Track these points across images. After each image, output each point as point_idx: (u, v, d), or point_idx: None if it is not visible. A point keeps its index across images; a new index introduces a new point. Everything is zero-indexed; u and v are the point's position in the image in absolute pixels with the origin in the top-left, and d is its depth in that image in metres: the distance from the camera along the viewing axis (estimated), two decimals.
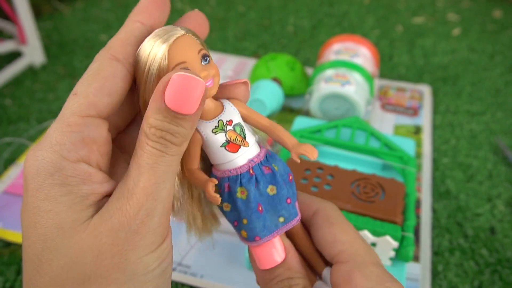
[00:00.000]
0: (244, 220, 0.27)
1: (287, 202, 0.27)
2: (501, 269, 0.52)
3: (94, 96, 0.23)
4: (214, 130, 0.26)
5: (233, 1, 1.09)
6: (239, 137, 0.27)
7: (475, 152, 0.68)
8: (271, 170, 0.27)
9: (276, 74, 0.73)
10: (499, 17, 1.03)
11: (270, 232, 0.27)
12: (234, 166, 0.27)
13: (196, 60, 0.25)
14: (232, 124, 0.27)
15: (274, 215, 0.27)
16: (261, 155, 0.27)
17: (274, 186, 0.27)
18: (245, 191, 0.27)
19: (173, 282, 0.50)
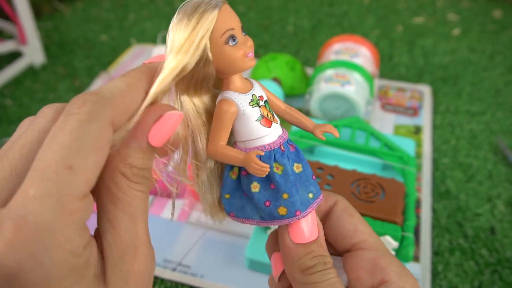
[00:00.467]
0: (284, 195, 0.26)
1: (313, 178, 0.28)
2: (501, 269, 0.52)
3: (91, 173, 0.20)
4: (251, 103, 0.26)
5: (233, 1, 1.09)
6: (270, 113, 0.27)
7: (475, 152, 0.68)
8: (295, 148, 0.28)
9: (276, 74, 0.73)
10: (499, 17, 1.03)
11: (306, 207, 0.27)
12: (267, 142, 0.26)
13: (239, 30, 0.25)
14: (264, 100, 0.27)
15: (304, 191, 0.27)
16: (286, 133, 0.28)
17: (299, 164, 0.27)
18: (280, 166, 0.26)
19: (173, 282, 0.50)
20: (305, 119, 0.29)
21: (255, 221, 0.28)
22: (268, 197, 0.27)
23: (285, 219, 0.27)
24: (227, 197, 0.28)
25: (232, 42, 0.25)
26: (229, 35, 0.25)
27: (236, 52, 0.25)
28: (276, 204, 0.27)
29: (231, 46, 0.25)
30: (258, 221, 0.28)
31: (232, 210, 0.28)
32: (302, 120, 0.28)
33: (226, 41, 0.25)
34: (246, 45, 0.25)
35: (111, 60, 0.87)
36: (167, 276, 0.50)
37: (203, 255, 0.52)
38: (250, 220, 0.28)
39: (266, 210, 0.27)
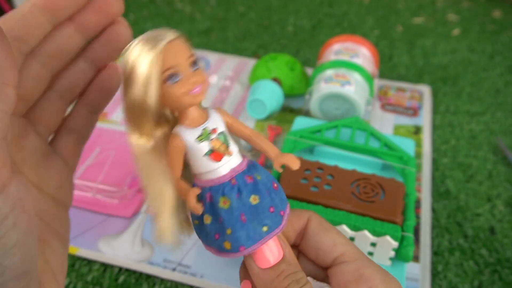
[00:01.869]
0: (228, 230, 0.27)
1: (270, 211, 0.27)
2: (501, 269, 0.52)
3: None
4: (198, 138, 0.26)
5: (233, 1, 1.09)
6: (223, 146, 0.27)
7: (475, 152, 0.68)
8: (253, 179, 0.27)
9: (276, 74, 0.73)
10: (499, 17, 1.03)
11: (254, 242, 0.27)
12: (217, 175, 0.27)
13: (185, 66, 0.25)
14: (217, 133, 0.27)
15: (258, 224, 0.27)
16: (243, 164, 0.27)
17: (256, 196, 0.27)
18: (227, 201, 0.26)
19: (173, 282, 0.50)
20: (268, 147, 0.28)
21: (213, 250, 0.28)
22: (217, 230, 0.27)
23: (231, 253, 0.27)
24: (196, 223, 0.29)
25: (172, 80, 0.25)
26: (169, 74, 0.25)
27: (177, 90, 0.25)
28: (223, 238, 0.27)
29: (171, 85, 0.25)
30: (215, 251, 0.28)
31: (200, 237, 0.29)
32: (265, 148, 0.28)
33: (165, 80, 0.25)
34: (188, 82, 0.25)
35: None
36: (167, 276, 0.50)
37: (203, 255, 0.52)
38: (210, 248, 0.29)
39: (216, 243, 0.28)
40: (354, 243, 0.29)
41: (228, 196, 0.26)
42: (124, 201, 0.58)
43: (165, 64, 0.25)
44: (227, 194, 0.26)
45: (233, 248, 0.27)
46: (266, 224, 0.27)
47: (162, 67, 0.25)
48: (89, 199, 0.58)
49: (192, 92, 0.25)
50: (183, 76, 0.25)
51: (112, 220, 0.56)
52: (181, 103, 0.26)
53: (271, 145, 0.28)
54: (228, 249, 0.27)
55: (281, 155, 0.28)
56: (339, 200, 0.49)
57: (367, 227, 0.47)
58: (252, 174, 0.27)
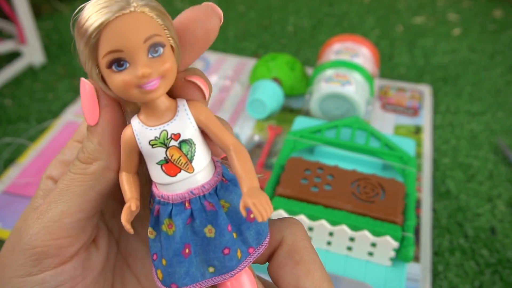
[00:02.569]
0: (163, 260, 0.21)
1: (223, 252, 0.21)
2: (502, 269, 0.52)
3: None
4: (152, 142, 0.21)
5: (233, 1, 1.09)
6: (183, 158, 0.21)
7: (476, 152, 0.68)
8: (215, 208, 0.21)
9: (276, 74, 0.73)
10: (499, 17, 1.03)
11: (193, 281, 0.21)
12: (169, 192, 0.21)
13: (139, 50, 0.19)
14: (179, 140, 0.21)
15: (203, 262, 0.22)
16: (207, 187, 0.21)
17: (213, 229, 0.21)
18: (172, 226, 0.21)
19: None
20: (245, 176, 0.20)
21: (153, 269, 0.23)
22: (156, 250, 0.22)
23: (161, 285, 0.22)
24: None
25: (116, 67, 0.19)
26: (110, 60, 0.19)
27: (118, 80, 0.19)
28: (158, 263, 0.22)
29: (115, 72, 0.19)
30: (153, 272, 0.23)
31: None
32: (240, 174, 0.20)
33: (108, 65, 0.19)
34: (134, 74, 0.19)
35: None
36: None
37: None
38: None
39: (153, 263, 0.22)
40: (325, 286, 0.22)
41: (174, 221, 0.21)
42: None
43: (107, 45, 0.19)
44: (173, 217, 0.21)
45: (164, 281, 0.22)
46: (213, 265, 0.22)
47: (103, 48, 0.19)
48: None
49: (143, 87, 0.19)
50: (132, 64, 0.19)
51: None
52: (128, 97, 0.20)
53: (249, 172, 0.21)
54: (159, 278, 0.22)
55: (252, 194, 0.20)
56: (339, 200, 0.49)
57: (367, 227, 0.47)
58: (216, 200, 0.21)
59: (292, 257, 0.22)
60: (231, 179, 0.22)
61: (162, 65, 0.19)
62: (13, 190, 0.60)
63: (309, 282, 0.22)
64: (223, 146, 0.21)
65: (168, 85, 0.20)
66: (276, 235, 0.23)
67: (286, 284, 0.22)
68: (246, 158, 0.21)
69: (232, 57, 0.87)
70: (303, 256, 0.22)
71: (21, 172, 0.62)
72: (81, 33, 0.19)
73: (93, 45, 0.19)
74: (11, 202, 0.58)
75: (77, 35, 0.19)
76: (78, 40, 0.19)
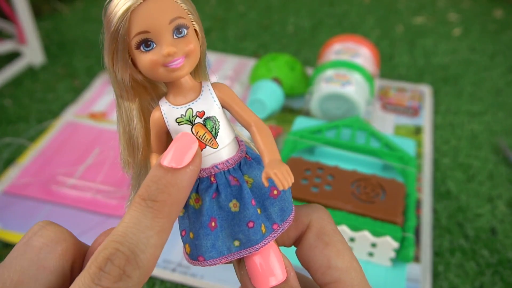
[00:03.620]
0: (191, 233, 0.23)
1: (248, 225, 0.22)
2: (502, 269, 0.52)
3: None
4: (178, 120, 0.22)
5: (233, 1, 1.08)
6: (208, 135, 0.22)
7: (476, 152, 0.68)
8: (239, 182, 0.22)
9: (276, 74, 0.73)
10: (500, 17, 1.03)
11: (219, 254, 0.23)
12: None
13: (165, 31, 0.20)
14: (204, 117, 0.22)
15: (229, 235, 0.22)
16: (231, 162, 0.22)
17: (238, 203, 0.22)
18: (199, 200, 0.22)
19: (173, 283, 0.50)
20: (266, 149, 0.22)
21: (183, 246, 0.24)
22: (185, 226, 0.23)
23: (189, 259, 0.23)
24: None
25: (144, 47, 0.21)
26: (138, 40, 0.21)
27: (146, 60, 0.21)
28: (186, 238, 0.23)
29: (143, 52, 0.21)
30: (183, 249, 0.24)
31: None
32: (262, 148, 0.22)
33: (137, 46, 0.21)
34: (160, 53, 0.21)
35: None
36: (167, 277, 0.50)
37: None
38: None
39: (182, 240, 0.24)
40: (359, 268, 0.23)
41: (201, 195, 0.22)
42: (124, 202, 0.58)
43: (136, 27, 0.20)
44: (200, 192, 0.22)
45: (192, 254, 0.23)
46: (238, 239, 0.22)
47: (132, 30, 0.20)
48: (89, 200, 0.58)
49: (168, 65, 0.21)
50: (159, 44, 0.21)
51: (111, 220, 0.55)
52: (155, 76, 0.21)
53: (271, 146, 0.22)
54: (187, 252, 0.23)
55: (273, 165, 0.21)
56: (340, 201, 0.49)
57: (368, 228, 0.47)
58: (240, 175, 0.22)
59: (322, 239, 0.23)
60: (255, 158, 0.23)
61: (186, 45, 0.21)
62: (13, 190, 0.60)
63: (340, 261, 0.23)
64: (245, 123, 0.23)
65: (192, 65, 0.22)
66: (304, 218, 0.24)
67: (318, 265, 0.23)
68: (268, 134, 0.22)
69: (232, 57, 0.87)
70: (332, 237, 0.23)
71: (21, 172, 0.62)
72: (110, 20, 0.20)
73: (124, 28, 0.20)
74: (11, 203, 0.58)
75: (107, 22, 0.21)
76: (108, 27, 0.21)
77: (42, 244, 0.21)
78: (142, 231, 0.19)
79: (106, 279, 0.18)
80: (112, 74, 0.22)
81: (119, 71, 0.22)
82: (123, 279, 0.18)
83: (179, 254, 0.52)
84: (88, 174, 0.62)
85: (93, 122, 0.71)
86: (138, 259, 0.19)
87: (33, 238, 0.21)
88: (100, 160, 0.64)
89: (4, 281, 0.20)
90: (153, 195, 0.20)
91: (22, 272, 0.20)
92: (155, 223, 0.19)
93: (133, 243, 0.19)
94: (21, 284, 0.20)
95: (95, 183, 0.60)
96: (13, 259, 0.21)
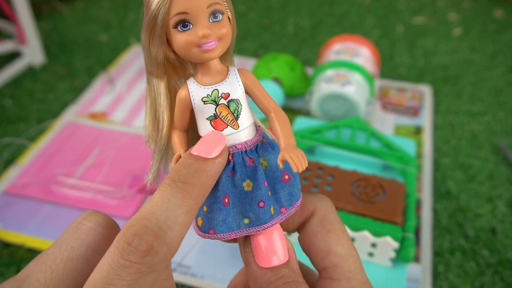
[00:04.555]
0: (204, 207, 0.24)
1: (258, 205, 0.24)
2: (502, 269, 0.52)
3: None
4: (204, 99, 0.24)
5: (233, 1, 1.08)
6: (230, 116, 0.24)
7: (476, 152, 0.67)
8: (254, 163, 0.24)
9: (276, 74, 0.73)
10: (500, 17, 1.03)
11: (229, 230, 0.24)
12: None
13: (202, 14, 0.22)
14: (228, 99, 0.24)
15: (239, 213, 0.24)
16: (249, 143, 0.24)
17: (251, 183, 0.24)
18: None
19: None
20: (284, 134, 0.24)
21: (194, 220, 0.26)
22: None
23: (200, 231, 0.25)
24: None
25: (181, 28, 0.22)
26: (177, 20, 0.22)
27: (182, 39, 0.22)
28: (200, 212, 0.25)
29: (180, 32, 0.22)
30: (194, 222, 0.25)
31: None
32: (278, 134, 0.24)
33: (175, 25, 0.22)
34: (195, 34, 0.22)
35: (111, 60, 0.87)
36: None
37: (203, 255, 0.52)
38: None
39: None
40: (357, 256, 0.25)
41: None
42: (124, 202, 0.58)
43: (176, 8, 0.22)
44: None
45: (203, 227, 0.24)
46: (248, 217, 0.24)
47: (172, 10, 0.22)
48: (89, 199, 0.58)
49: (202, 46, 0.22)
50: (195, 25, 0.22)
51: None
52: (188, 55, 0.23)
53: (287, 132, 0.24)
54: (199, 225, 0.25)
55: (289, 149, 0.22)
56: (340, 201, 0.49)
57: (368, 228, 0.47)
58: (256, 157, 0.24)
59: (324, 226, 0.25)
60: (271, 143, 0.25)
61: (220, 29, 0.23)
62: (13, 190, 0.60)
63: (340, 248, 0.24)
64: (265, 109, 0.25)
65: (224, 48, 0.23)
66: (310, 205, 0.26)
67: (319, 250, 0.25)
68: (285, 120, 0.24)
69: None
70: (334, 225, 0.25)
71: (21, 173, 0.62)
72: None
73: (165, 8, 0.22)
74: (11, 203, 0.58)
75: (148, 2, 0.22)
76: (149, 6, 0.22)
77: (90, 228, 0.22)
78: (171, 209, 0.20)
79: (134, 254, 0.19)
80: (147, 51, 0.23)
81: (154, 48, 0.23)
82: (151, 254, 0.19)
83: (180, 254, 0.52)
84: (88, 174, 0.62)
85: (93, 122, 0.71)
86: (165, 235, 0.19)
87: (82, 222, 0.22)
88: (100, 160, 0.64)
89: (55, 257, 0.21)
90: (184, 177, 0.21)
91: (72, 250, 0.21)
92: (184, 203, 0.20)
93: (161, 220, 0.19)
94: (70, 261, 0.21)
95: (95, 183, 0.60)
96: (63, 239, 0.22)
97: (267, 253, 0.24)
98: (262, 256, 0.24)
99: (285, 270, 0.24)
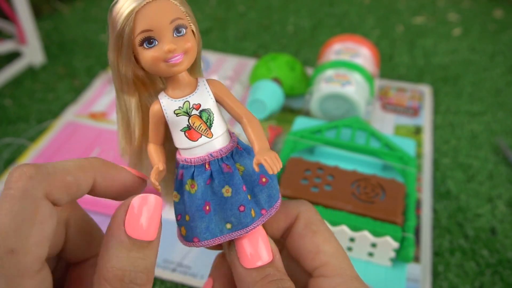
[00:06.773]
0: (187, 216, 0.25)
1: (239, 209, 0.24)
2: (502, 269, 0.52)
3: (38, 249, 0.19)
4: (176, 111, 0.24)
5: (233, 1, 1.08)
6: (203, 125, 0.24)
7: (476, 152, 0.68)
8: (231, 169, 0.24)
9: (276, 74, 0.73)
10: (500, 17, 1.03)
11: (212, 236, 0.25)
12: (191, 155, 0.25)
13: (166, 30, 0.23)
14: (200, 109, 0.24)
15: (221, 219, 0.25)
16: (224, 150, 0.25)
17: (230, 188, 0.24)
18: (195, 185, 0.24)
19: (173, 283, 0.50)
20: (257, 139, 0.24)
21: (177, 230, 0.26)
22: (180, 211, 0.25)
23: (185, 241, 0.26)
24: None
25: (147, 44, 0.23)
26: (142, 38, 0.23)
27: (149, 56, 0.23)
28: (182, 222, 0.25)
29: (146, 49, 0.23)
30: (177, 232, 0.26)
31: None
32: (253, 139, 0.24)
33: (141, 43, 0.23)
34: (161, 50, 0.23)
35: None
36: (167, 277, 0.50)
37: (203, 255, 0.52)
38: (177, 229, 0.27)
39: (178, 223, 0.26)
40: (344, 253, 0.26)
41: (196, 180, 0.24)
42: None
43: (140, 26, 0.22)
44: (195, 178, 0.24)
45: (187, 236, 0.25)
46: (230, 222, 0.25)
47: (137, 29, 0.22)
48: (89, 199, 0.58)
49: (169, 61, 0.23)
50: (160, 42, 0.23)
51: None
52: (156, 70, 0.23)
53: (260, 136, 0.24)
54: (183, 235, 0.25)
55: (263, 152, 0.23)
56: (340, 201, 0.49)
57: (368, 228, 0.47)
58: (232, 163, 0.25)
59: (310, 228, 0.26)
60: (245, 148, 0.26)
61: (185, 43, 0.23)
62: None
63: (327, 247, 0.25)
64: (237, 116, 0.25)
65: (190, 61, 0.24)
66: (293, 210, 0.26)
67: (308, 251, 0.25)
68: (257, 125, 0.25)
69: (232, 57, 0.87)
70: (319, 226, 0.26)
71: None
72: (116, 19, 0.23)
73: (129, 27, 0.22)
74: None
75: (113, 22, 0.23)
76: (114, 26, 0.23)
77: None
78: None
79: None
80: (116, 69, 0.24)
81: (123, 67, 0.24)
82: None
83: (179, 254, 0.52)
84: None
85: (93, 122, 0.72)
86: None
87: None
88: None
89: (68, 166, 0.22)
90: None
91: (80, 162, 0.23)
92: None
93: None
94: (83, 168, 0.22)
95: None
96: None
97: (251, 255, 0.25)
98: (246, 258, 0.25)
99: (269, 270, 0.25)
